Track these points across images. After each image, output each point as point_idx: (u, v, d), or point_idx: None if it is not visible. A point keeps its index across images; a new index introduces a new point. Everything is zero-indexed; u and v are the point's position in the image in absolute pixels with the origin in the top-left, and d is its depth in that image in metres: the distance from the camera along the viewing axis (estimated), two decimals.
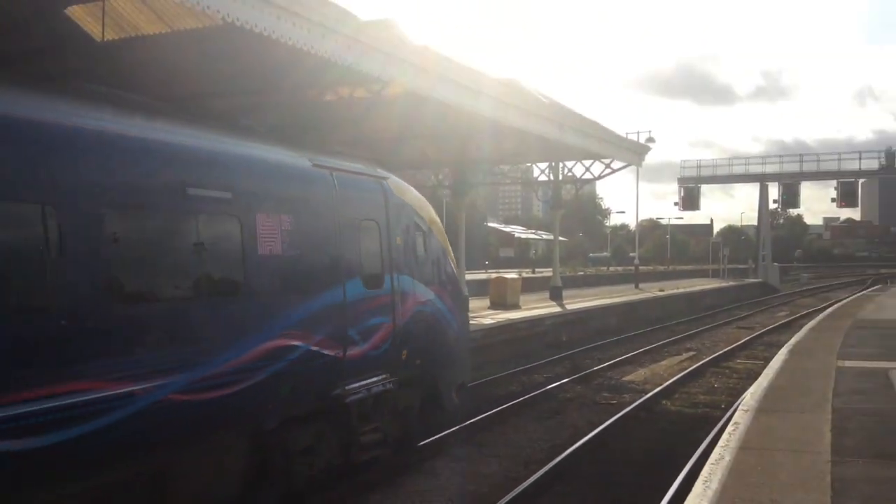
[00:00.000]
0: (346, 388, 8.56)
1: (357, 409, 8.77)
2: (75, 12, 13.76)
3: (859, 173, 59.74)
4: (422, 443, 10.74)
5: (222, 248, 7.07)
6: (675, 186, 62.63)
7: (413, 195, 10.66)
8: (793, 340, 17.77)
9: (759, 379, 12.08)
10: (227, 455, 7.48)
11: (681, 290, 41.83)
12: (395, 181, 10.22)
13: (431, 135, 20.64)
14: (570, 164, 30.37)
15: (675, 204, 62.89)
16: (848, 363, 13.50)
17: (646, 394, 15.28)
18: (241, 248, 7.18)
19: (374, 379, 9.06)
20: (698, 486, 6.29)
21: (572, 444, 11.09)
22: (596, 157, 27.96)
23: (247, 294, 7.25)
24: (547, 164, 31.01)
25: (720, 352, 21.78)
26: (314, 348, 8.01)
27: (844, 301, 36.23)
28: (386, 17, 13.35)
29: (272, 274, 7.59)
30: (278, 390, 7.60)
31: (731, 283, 55.51)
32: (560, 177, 31.13)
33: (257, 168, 7.76)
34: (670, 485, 9.03)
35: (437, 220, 11.27)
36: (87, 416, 5.61)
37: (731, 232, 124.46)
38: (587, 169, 30.19)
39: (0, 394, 5.06)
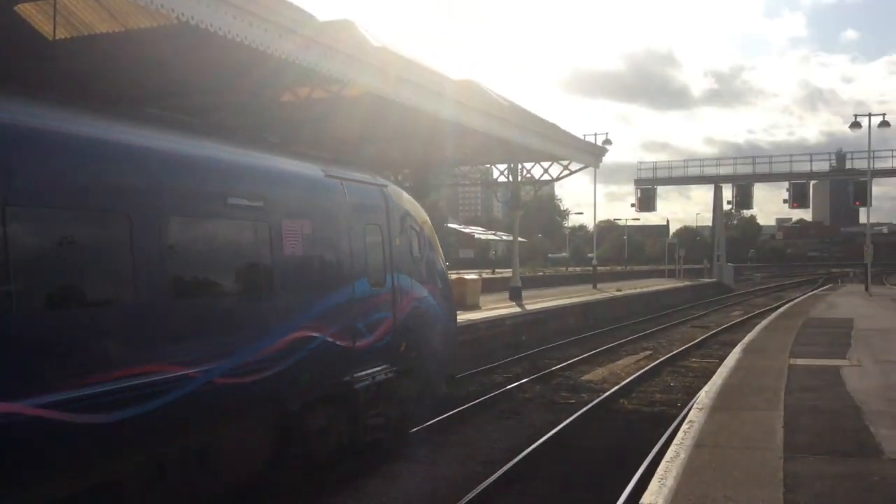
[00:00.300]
0: (355, 375, 9.52)
1: (364, 396, 9.68)
2: (26, 10, 13.47)
3: (810, 175, 61.08)
4: (413, 429, 11.52)
5: (256, 249, 7.95)
6: (631, 188, 63.50)
7: (408, 200, 11.74)
8: (746, 339, 18.13)
9: (714, 377, 12.30)
10: (257, 433, 8.25)
11: (638, 290, 42.35)
12: (394, 188, 11.34)
13: (394, 136, 20.60)
14: (528, 165, 30.58)
15: (632, 205, 63.61)
16: (800, 361, 13.82)
17: (604, 393, 15.44)
18: (271, 249, 8.09)
19: (378, 368, 10.01)
20: (654, 483, 6.39)
21: (531, 444, 11.15)
22: (554, 158, 28.20)
23: (276, 291, 8.14)
24: (506, 165, 31.18)
25: (676, 351, 22.08)
26: (329, 339, 8.93)
27: (796, 300, 37.06)
28: (344, 17, 13.24)
29: (296, 273, 8.51)
30: (300, 376, 8.48)
31: (687, 282, 56.34)
32: (519, 178, 31.32)
33: (281, 179, 8.70)
34: (628, 483, 9.14)
35: (429, 222, 12.30)
36: (152, 395, 6.45)
37: (687, 232, 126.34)
38: (545, 170, 30.44)
39: (92, 375, 5.95)
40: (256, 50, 10.59)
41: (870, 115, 40.53)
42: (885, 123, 40.43)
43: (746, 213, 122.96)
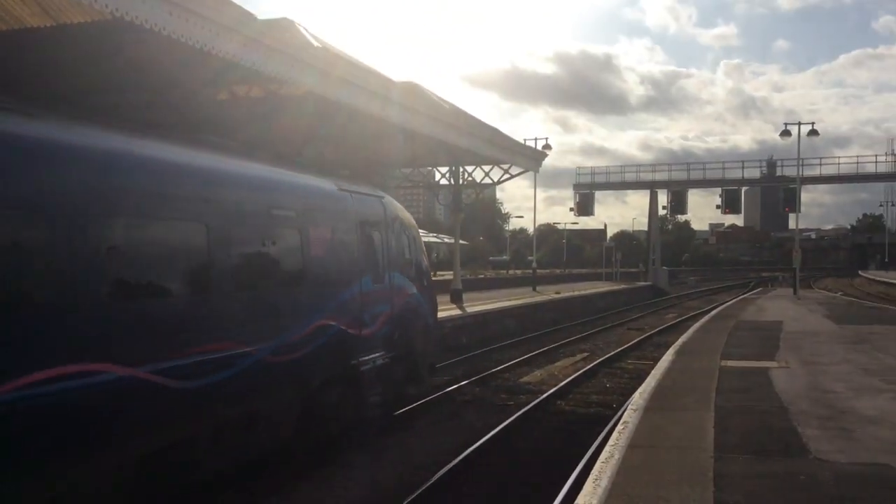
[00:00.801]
0: (360, 359, 11.15)
1: (367, 377, 11.28)
2: None
3: (742, 181, 62.91)
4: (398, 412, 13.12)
5: (292, 251, 9.61)
6: (571, 192, 64.14)
7: (400, 208, 13.42)
8: (680, 341, 18.54)
9: (648, 379, 12.55)
10: (289, 405, 9.64)
11: (576, 293, 42.93)
12: (389, 199, 13.00)
13: (340, 137, 20.44)
14: (470, 168, 30.73)
15: (571, 209, 64.54)
16: (730, 363, 14.19)
17: (542, 395, 15.61)
18: (301, 251, 9.69)
19: (377, 354, 11.67)
20: (589, 484, 6.49)
21: (469, 447, 11.20)
22: (495, 162, 28.42)
23: (306, 286, 9.80)
24: (448, 168, 31.28)
25: (612, 353, 22.45)
26: (342, 328, 10.56)
27: (728, 303, 38.02)
28: (284, 16, 13.08)
29: (320, 270, 10.08)
30: (320, 358, 10.03)
31: (624, 285, 57.34)
32: (461, 181, 31.45)
33: (307, 192, 10.36)
34: (564, 484, 9.26)
35: (416, 227, 14.05)
36: (224, 366, 8.02)
37: (624, 237, 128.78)
38: (487, 174, 30.65)
39: (187, 349, 7.55)
40: (194, 48, 10.40)
41: (799, 123, 41.91)
42: (813, 132, 41.82)
43: (681, 218, 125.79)
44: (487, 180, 31.28)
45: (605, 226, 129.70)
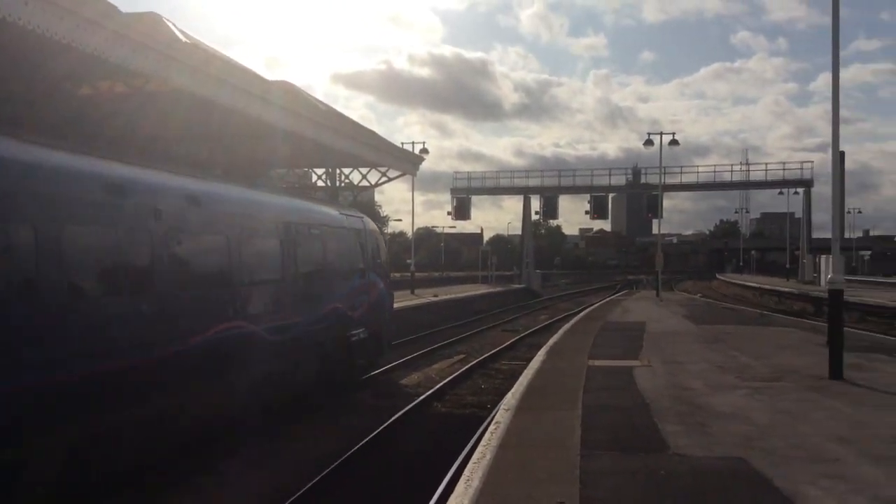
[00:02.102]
0: (351, 333, 15.99)
1: (355, 347, 16.12)
2: None
3: (609, 188, 65.64)
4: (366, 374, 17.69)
5: (317, 255, 14.58)
6: (448, 196, 64.93)
7: (372, 224, 18.96)
8: (551, 342, 19.10)
9: (521, 379, 12.85)
10: (315, 360, 14.31)
11: (453, 296, 43.46)
12: (367, 218, 18.78)
13: (217, 137, 19.77)
14: (347, 171, 30.48)
15: (449, 213, 65.35)
16: (597, 362, 14.74)
17: (419, 397, 15.71)
18: (323, 255, 14.85)
19: (360, 330, 16.47)
20: (460, 485, 6.58)
21: (347, 451, 11.13)
22: (372, 165, 28.28)
23: (327, 279, 14.90)
24: (324, 170, 30.91)
25: (487, 354, 22.85)
26: (342, 309, 15.63)
27: (596, 305, 39.49)
28: (150, 11, 12.52)
29: (334, 268, 15.31)
30: (331, 330, 14.96)
31: (499, 288, 58.52)
32: (338, 183, 31.14)
33: (323, 215, 15.67)
34: (439, 484, 9.34)
35: (382, 237, 19.69)
36: (288, 329, 12.83)
37: (500, 240, 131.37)
38: (364, 176, 30.47)
39: (268, 316, 12.16)
40: (52, 40, 9.81)
41: (661, 133, 44.18)
42: (674, 142, 44.15)
43: (553, 222, 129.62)
44: (365, 183, 31.12)
45: (482, 230, 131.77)
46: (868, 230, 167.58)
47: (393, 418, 13.51)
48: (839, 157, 13.45)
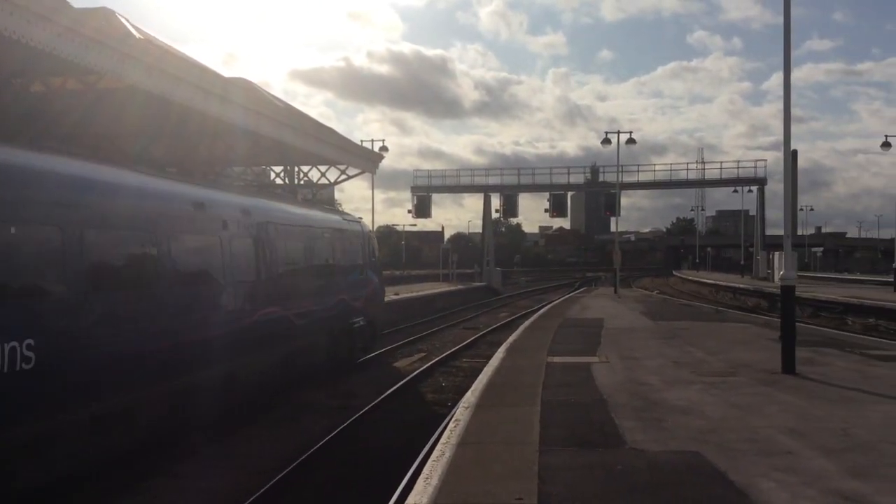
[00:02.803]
0: (352, 321, 19.24)
1: (356, 332, 19.42)
2: None
3: (568, 186, 66.19)
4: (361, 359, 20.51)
5: (328, 255, 17.86)
6: (409, 194, 64.86)
7: (367, 226, 22.98)
8: (511, 339, 19.22)
9: (480, 376, 12.90)
10: (326, 341, 17.45)
11: (415, 294, 43.42)
12: (363, 222, 22.75)
13: (174, 134, 19.45)
14: (306, 168, 30.26)
15: (409, 211, 65.29)
16: (556, 359, 14.86)
17: (379, 396, 15.67)
18: (333, 255, 18.11)
19: (359, 318, 19.77)
20: (419, 483, 6.59)
21: (307, 451, 11.07)
22: (331, 163, 28.07)
23: (337, 274, 18.35)
24: (282, 168, 30.63)
25: (448, 352, 22.91)
26: (347, 300, 18.82)
27: (555, 302, 39.81)
28: (103, 6, 12.25)
29: (342, 265, 18.83)
30: (339, 317, 18.22)
31: (460, 286, 58.61)
32: (296, 181, 30.88)
33: (331, 221, 19.19)
34: (399, 483, 9.33)
35: (375, 238, 23.49)
36: (312, 313, 16.45)
37: (460, 238, 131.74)
38: (323, 174, 30.26)
39: (301, 301, 15.93)
40: (2, 35, 9.57)
41: (618, 132, 44.72)
42: (631, 141, 44.71)
43: (513, 220, 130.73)
44: (324, 181, 30.93)
45: (443, 228, 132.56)
46: (820, 227, 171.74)
47: (353, 418, 13.46)
48: (791, 156, 13.75)
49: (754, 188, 67.35)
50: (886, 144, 44.96)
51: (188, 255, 11.65)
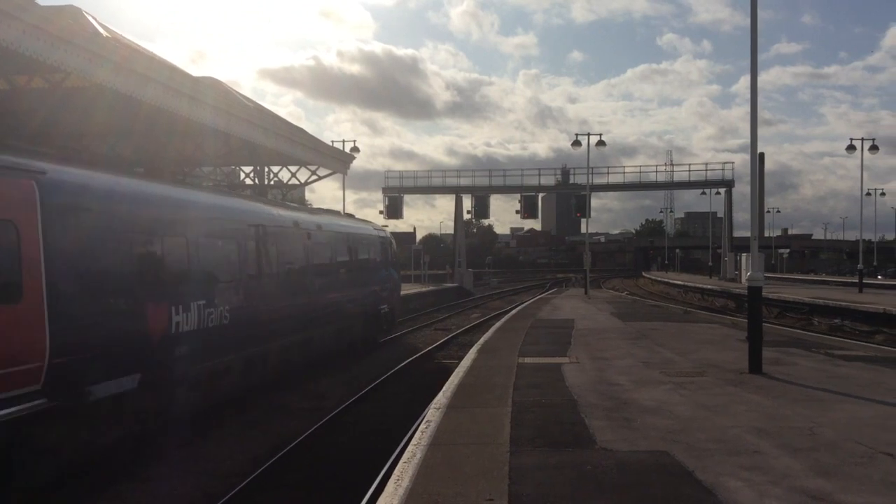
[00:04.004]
0: (379, 307, 24.70)
1: (381, 316, 24.86)
2: None
3: (539, 188, 66.37)
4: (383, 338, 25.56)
5: (364, 255, 23.68)
6: (380, 195, 64.70)
7: (387, 233, 28.83)
8: (482, 340, 19.23)
9: (452, 377, 12.89)
10: (361, 324, 22.88)
11: None
12: (387, 230, 30.32)
13: (143, 134, 19.22)
14: (276, 169, 30.08)
15: (381, 212, 65.00)
16: (527, 360, 14.90)
17: (353, 397, 15.60)
18: (368, 255, 24.16)
19: (384, 306, 25.21)
20: (390, 485, 6.57)
21: (275, 455, 11.00)
22: (302, 163, 28.00)
23: (368, 269, 23.95)
24: (252, 168, 30.42)
25: (420, 353, 22.90)
26: (376, 290, 24.44)
27: (526, 303, 39.89)
28: (69, 4, 12.07)
29: (374, 264, 24.83)
30: (373, 303, 24.08)
31: (432, 287, 58.55)
32: (266, 182, 30.68)
33: (366, 229, 25.17)
34: (370, 485, 9.31)
35: (394, 242, 28.44)
36: (349, 300, 21.73)
37: (432, 239, 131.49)
38: (293, 175, 30.13)
39: (337, 291, 20.78)
40: None
41: (588, 134, 44.87)
42: (601, 143, 44.94)
43: (485, 222, 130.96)
44: (294, 181, 30.77)
45: (415, 229, 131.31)
46: (787, 229, 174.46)
47: (324, 420, 13.40)
48: (758, 159, 13.93)
49: (722, 190, 68.12)
50: (852, 147, 45.65)
51: (293, 254, 17.24)
